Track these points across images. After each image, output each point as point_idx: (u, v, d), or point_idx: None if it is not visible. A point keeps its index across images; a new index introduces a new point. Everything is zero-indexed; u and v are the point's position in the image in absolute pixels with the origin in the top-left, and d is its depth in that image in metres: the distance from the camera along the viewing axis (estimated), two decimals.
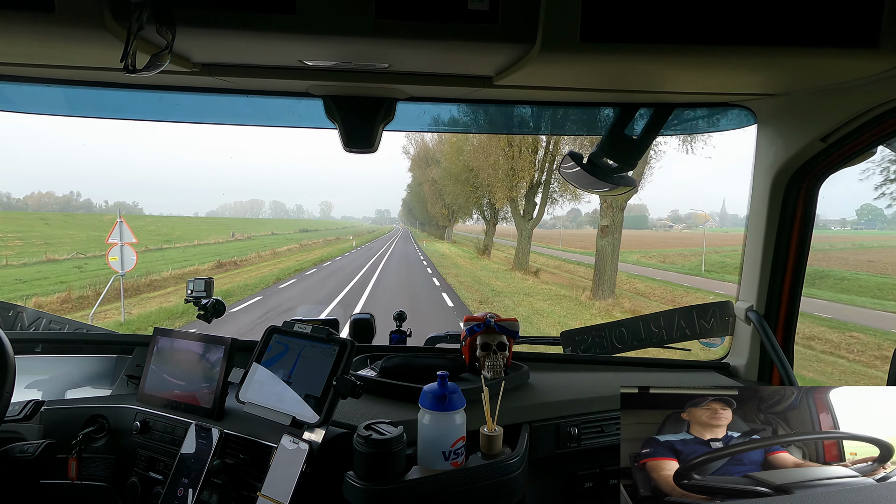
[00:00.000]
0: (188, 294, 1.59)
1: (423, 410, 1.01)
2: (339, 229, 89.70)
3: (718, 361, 1.64)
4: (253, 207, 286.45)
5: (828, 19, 0.81)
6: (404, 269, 21.33)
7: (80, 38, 0.83)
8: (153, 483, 1.24)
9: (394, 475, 0.97)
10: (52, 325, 1.77)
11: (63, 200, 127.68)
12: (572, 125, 1.57)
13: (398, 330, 1.81)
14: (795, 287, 1.43)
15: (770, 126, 1.34)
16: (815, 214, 1.37)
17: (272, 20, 0.81)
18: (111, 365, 1.55)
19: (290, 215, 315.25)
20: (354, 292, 13.43)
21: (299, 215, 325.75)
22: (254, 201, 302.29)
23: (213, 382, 1.25)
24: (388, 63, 1.01)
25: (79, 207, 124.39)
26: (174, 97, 1.31)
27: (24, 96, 1.32)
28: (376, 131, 1.28)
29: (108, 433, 1.31)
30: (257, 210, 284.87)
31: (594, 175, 1.35)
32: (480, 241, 32.71)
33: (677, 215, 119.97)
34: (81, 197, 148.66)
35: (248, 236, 48.61)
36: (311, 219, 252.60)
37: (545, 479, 1.27)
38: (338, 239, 52.13)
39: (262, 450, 1.11)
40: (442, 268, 21.21)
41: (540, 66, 0.91)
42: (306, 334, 1.15)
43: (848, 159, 1.23)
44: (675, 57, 0.87)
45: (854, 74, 0.95)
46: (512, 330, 1.38)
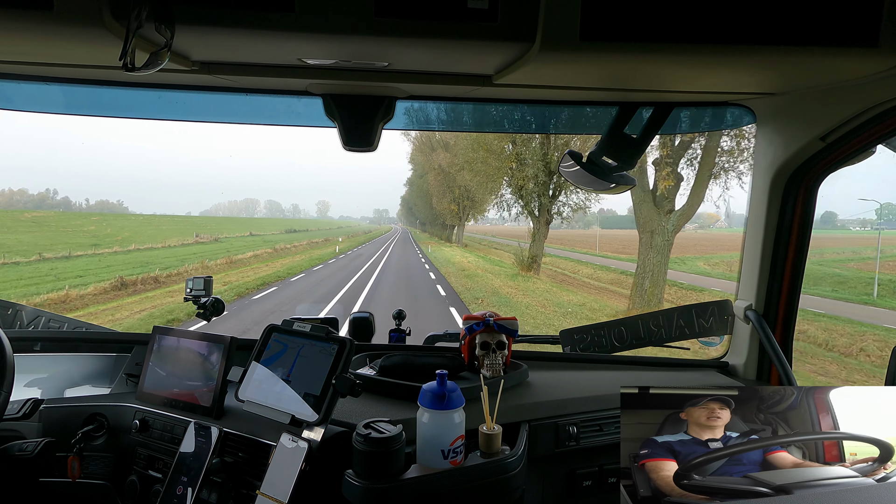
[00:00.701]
0: (187, 293, 1.59)
1: (423, 409, 1.01)
2: (333, 230, 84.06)
3: (717, 360, 1.64)
4: (248, 206, 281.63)
5: (827, 19, 0.81)
6: (404, 301, 12.67)
7: (79, 36, 0.83)
8: (152, 481, 1.24)
9: (393, 473, 0.97)
10: (52, 323, 1.77)
11: (38, 199, 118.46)
12: (571, 124, 1.57)
13: (397, 328, 1.81)
14: (794, 286, 1.43)
15: (769, 125, 1.34)
16: (814, 213, 1.37)
17: (271, 18, 0.81)
18: (110, 363, 1.55)
19: (286, 215, 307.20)
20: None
21: (295, 214, 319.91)
22: (249, 200, 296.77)
23: (212, 381, 1.25)
24: (388, 61, 1.01)
25: (56, 206, 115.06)
26: (173, 95, 1.31)
27: (23, 94, 1.32)
28: (376, 130, 1.27)
29: (108, 431, 1.31)
30: (252, 209, 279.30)
31: (594, 174, 1.35)
32: (494, 246, 25.77)
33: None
34: (59, 195, 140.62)
35: (214, 238, 42.36)
36: (308, 218, 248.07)
37: (544, 478, 1.28)
38: (326, 241, 46.67)
39: (261, 448, 1.11)
40: (475, 302, 12.75)
41: (539, 64, 0.91)
42: (305, 333, 1.15)
43: (847, 158, 1.24)
44: (674, 56, 0.87)
45: (853, 74, 0.95)
46: (511, 329, 1.38)
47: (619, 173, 1.36)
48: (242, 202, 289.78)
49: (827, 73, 0.97)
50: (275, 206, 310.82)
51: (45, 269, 20.49)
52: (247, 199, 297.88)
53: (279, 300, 13.33)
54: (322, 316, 1.79)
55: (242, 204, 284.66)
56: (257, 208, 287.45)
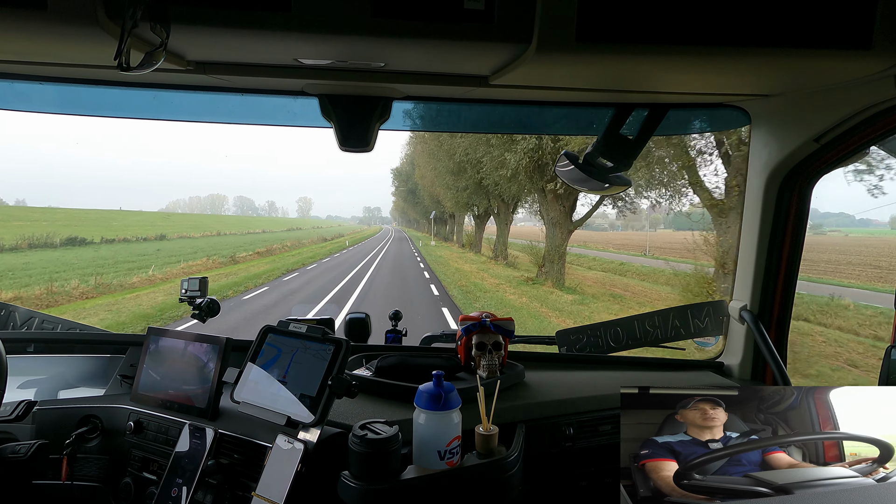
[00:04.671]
0: (182, 293, 1.58)
1: (419, 410, 1.01)
2: (308, 229, 70.85)
3: (713, 360, 1.65)
4: (213, 204, 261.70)
5: (821, 21, 0.82)
6: None
7: (74, 36, 0.82)
8: (147, 483, 1.23)
9: (389, 475, 0.97)
10: (45, 324, 1.76)
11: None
12: (568, 125, 1.57)
13: (394, 329, 1.81)
14: (789, 287, 1.44)
15: (764, 126, 1.35)
16: (808, 214, 1.38)
17: (267, 18, 0.81)
18: (104, 365, 1.54)
19: (260, 213, 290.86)
20: None
21: (271, 213, 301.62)
22: (214, 197, 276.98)
23: (207, 382, 1.25)
24: (384, 62, 1.01)
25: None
26: (168, 95, 1.30)
27: (17, 94, 1.31)
28: (372, 130, 1.27)
29: (102, 433, 1.30)
30: (218, 206, 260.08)
31: (589, 175, 1.36)
32: (532, 249, 17.69)
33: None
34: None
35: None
36: (285, 217, 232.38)
37: (540, 479, 1.28)
38: (285, 247, 35.21)
39: (256, 449, 1.11)
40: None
41: (536, 65, 0.91)
42: (301, 334, 1.14)
43: (841, 160, 1.24)
44: (670, 57, 0.87)
45: (847, 75, 0.96)
46: (507, 329, 1.38)
47: (614, 174, 1.36)
48: (207, 199, 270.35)
49: (821, 75, 0.98)
50: (246, 203, 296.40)
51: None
52: (212, 196, 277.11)
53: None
54: (318, 317, 1.78)
55: (207, 201, 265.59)
56: (225, 205, 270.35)
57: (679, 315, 1.65)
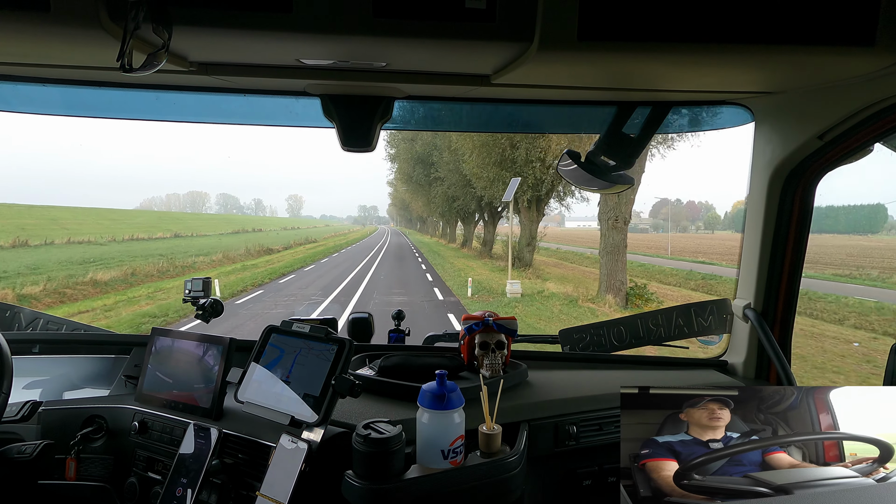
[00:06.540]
0: (186, 294, 1.59)
1: (422, 409, 1.01)
2: (279, 231, 60.93)
3: (716, 359, 1.64)
4: (193, 201, 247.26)
5: (825, 18, 0.81)
6: None
7: (77, 38, 0.83)
8: (152, 483, 1.23)
9: (393, 474, 0.97)
10: (50, 325, 1.76)
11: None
12: (570, 123, 1.57)
13: (397, 329, 1.81)
14: (793, 285, 1.43)
15: (767, 124, 1.34)
16: (812, 212, 1.37)
17: (269, 19, 0.81)
18: (109, 365, 1.54)
19: (245, 212, 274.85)
20: None
21: (258, 212, 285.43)
22: (194, 194, 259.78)
23: (211, 382, 1.25)
24: (386, 62, 1.01)
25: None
26: (171, 96, 1.31)
27: (20, 96, 1.31)
28: (374, 130, 1.27)
29: (107, 433, 1.30)
30: (199, 204, 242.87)
31: (592, 173, 1.35)
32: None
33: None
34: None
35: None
36: (273, 217, 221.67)
37: (544, 478, 1.28)
38: (225, 258, 24.56)
39: (260, 449, 1.11)
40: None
41: (537, 64, 0.91)
42: (305, 334, 1.15)
43: (845, 157, 1.24)
44: (672, 55, 0.87)
45: (851, 72, 0.95)
46: (510, 329, 1.38)
47: (617, 172, 1.36)
48: (186, 196, 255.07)
49: (824, 72, 0.97)
50: (230, 200, 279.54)
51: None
52: (192, 193, 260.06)
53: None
54: (321, 316, 1.79)
55: (186, 198, 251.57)
56: (206, 203, 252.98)
57: (682, 313, 1.64)
